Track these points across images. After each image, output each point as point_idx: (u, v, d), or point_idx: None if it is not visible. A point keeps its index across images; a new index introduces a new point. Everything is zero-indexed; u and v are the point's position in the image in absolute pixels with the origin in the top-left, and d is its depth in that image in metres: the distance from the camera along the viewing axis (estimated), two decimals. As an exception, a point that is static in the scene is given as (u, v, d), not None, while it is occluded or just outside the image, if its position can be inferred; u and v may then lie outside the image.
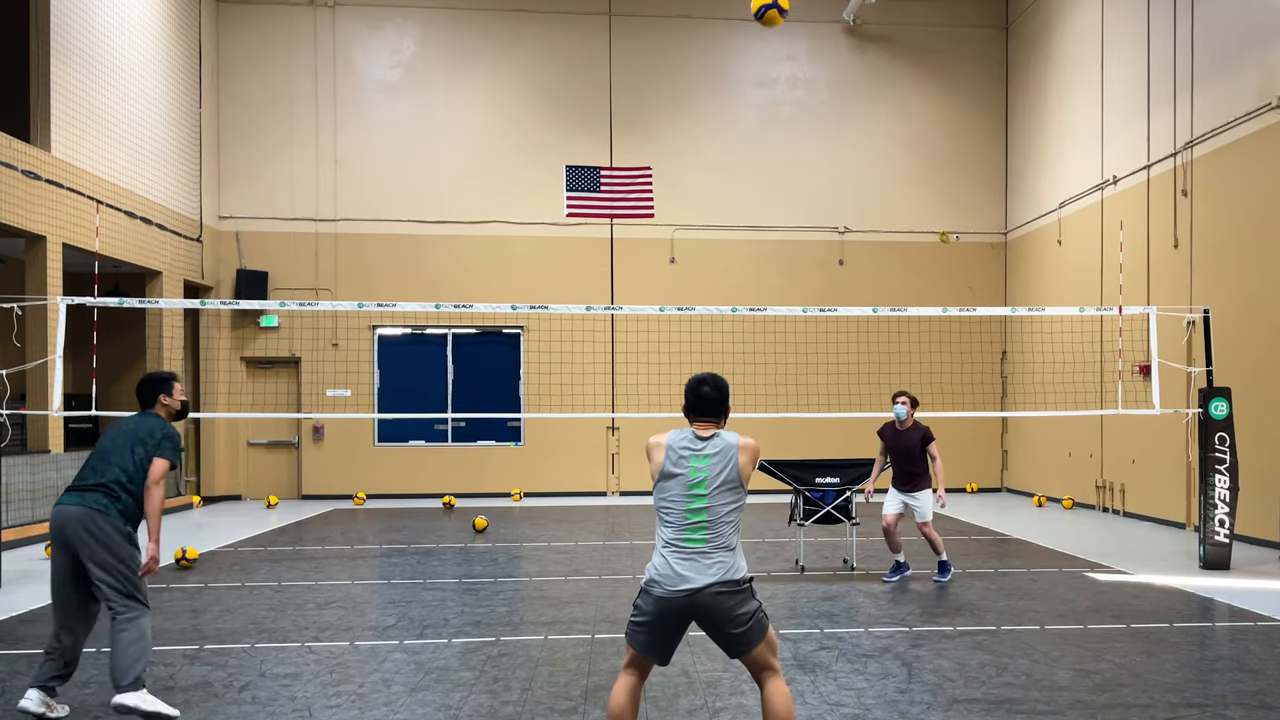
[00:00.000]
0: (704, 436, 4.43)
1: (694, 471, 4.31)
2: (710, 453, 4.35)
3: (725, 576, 4.19)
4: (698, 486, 4.29)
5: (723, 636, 4.26)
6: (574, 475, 18.46)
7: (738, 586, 4.21)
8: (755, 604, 4.28)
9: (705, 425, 4.49)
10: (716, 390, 4.52)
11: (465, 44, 18.52)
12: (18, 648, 6.98)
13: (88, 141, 13.97)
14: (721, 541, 4.24)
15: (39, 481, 12.64)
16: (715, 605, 4.18)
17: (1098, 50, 15.61)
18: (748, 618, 4.22)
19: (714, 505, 4.27)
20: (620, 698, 4.30)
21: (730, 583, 4.19)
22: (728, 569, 4.21)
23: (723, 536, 4.25)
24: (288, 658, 6.67)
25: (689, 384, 4.59)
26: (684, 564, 4.22)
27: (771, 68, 19.05)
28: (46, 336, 12.30)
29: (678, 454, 4.37)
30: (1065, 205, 16.66)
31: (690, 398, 4.55)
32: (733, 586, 4.20)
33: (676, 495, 4.31)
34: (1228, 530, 10.10)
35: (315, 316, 17.76)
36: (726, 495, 4.30)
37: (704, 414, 4.50)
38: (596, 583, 9.42)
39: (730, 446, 4.37)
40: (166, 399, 5.93)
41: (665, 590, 4.22)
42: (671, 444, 4.41)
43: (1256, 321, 11.74)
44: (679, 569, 4.21)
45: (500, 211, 18.39)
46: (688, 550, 4.23)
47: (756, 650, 4.27)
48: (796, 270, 18.70)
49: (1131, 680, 6.06)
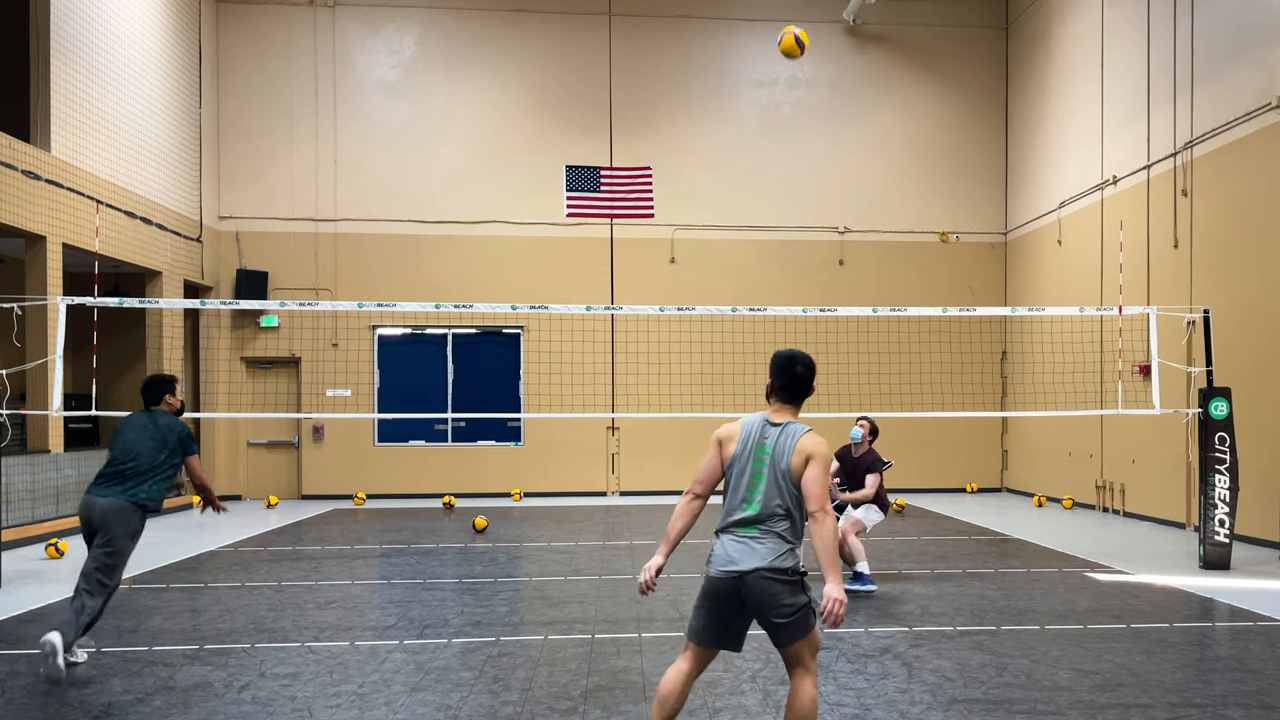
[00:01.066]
0: (775, 423, 4.35)
1: (755, 462, 4.28)
2: (774, 444, 4.28)
3: (772, 563, 4.15)
4: (757, 477, 4.26)
5: (767, 624, 4.23)
6: (574, 475, 18.46)
7: (785, 575, 4.15)
8: (804, 599, 4.20)
9: (782, 411, 4.41)
10: (808, 370, 4.42)
11: (465, 44, 18.52)
12: (18, 648, 6.99)
13: (88, 141, 13.97)
14: (774, 529, 4.20)
15: (39, 481, 12.64)
16: (761, 590, 4.14)
17: (1098, 50, 15.61)
18: (793, 610, 4.17)
19: (769, 494, 4.22)
20: (669, 681, 4.29)
21: (777, 570, 4.15)
22: (777, 555, 4.17)
23: (776, 525, 4.20)
24: (288, 658, 6.67)
25: (778, 361, 4.43)
26: (735, 547, 4.23)
27: (771, 68, 19.04)
28: (46, 336, 12.30)
29: (747, 439, 4.33)
30: (1065, 205, 16.66)
31: (780, 376, 4.41)
32: (779, 574, 4.15)
33: (736, 480, 4.30)
34: (1228, 530, 10.10)
35: (315, 316, 17.76)
36: (778, 486, 4.23)
37: (789, 395, 4.40)
38: (596, 583, 9.42)
39: (788, 451, 4.24)
40: (170, 399, 6.85)
41: (715, 570, 4.27)
42: (745, 429, 4.37)
43: (1256, 321, 11.74)
44: (730, 551, 4.23)
45: (500, 211, 18.39)
46: (739, 535, 4.24)
47: (796, 645, 4.23)
48: (797, 270, 18.69)
49: (1131, 680, 6.06)
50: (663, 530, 14.07)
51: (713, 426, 17.66)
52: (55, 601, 8.64)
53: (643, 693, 5.83)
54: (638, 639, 7.14)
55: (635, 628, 7.50)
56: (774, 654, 6.70)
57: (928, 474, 18.55)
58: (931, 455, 18.67)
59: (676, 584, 9.34)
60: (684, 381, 17.38)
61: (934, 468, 18.72)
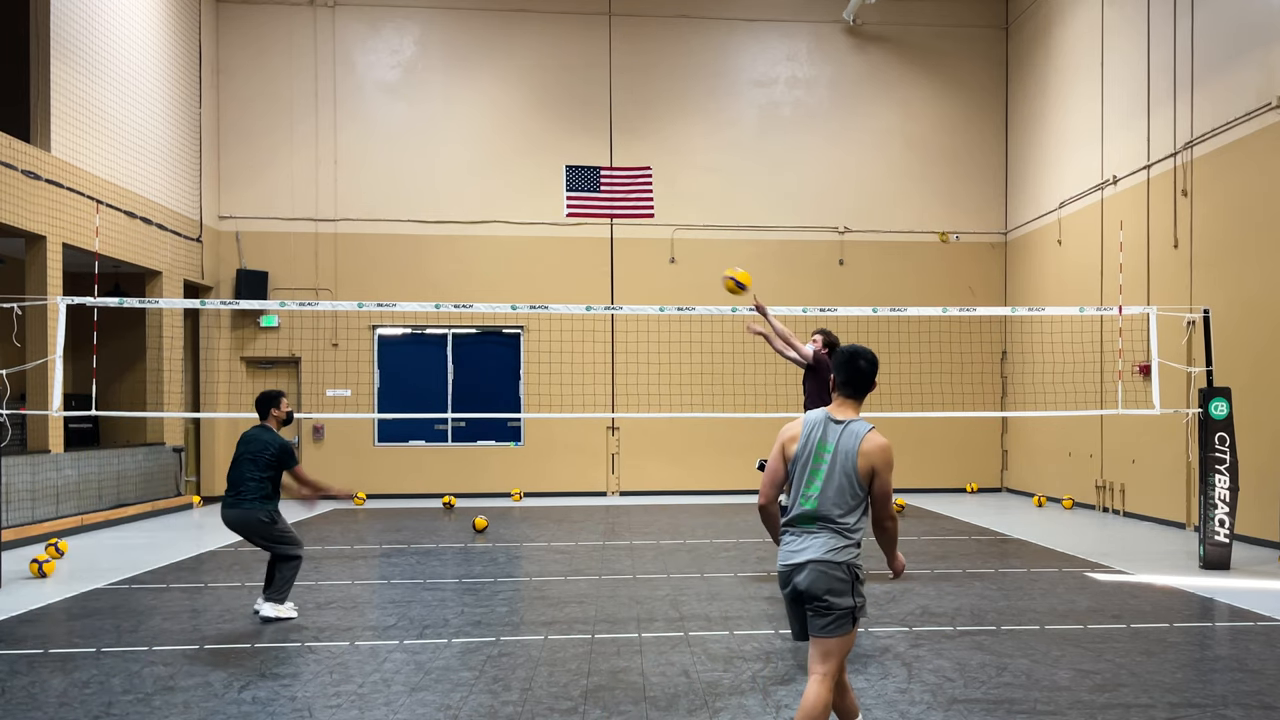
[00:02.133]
0: (838, 420, 4.37)
1: (816, 459, 4.32)
2: (836, 442, 4.31)
3: (825, 555, 4.22)
4: (816, 474, 4.31)
5: (812, 611, 4.27)
6: (574, 475, 18.46)
7: (839, 569, 4.21)
8: (850, 603, 4.24)
9: (844, 406, 4.43)
10: (871, 365, 4.45)
11: (465, 44, 18.52)
12: (18, 648, 6.98)
13: (88, 141, 13.97)
14: (831, 525, 4.26)
15: (39, 481, 12.64)
16: (814, 581, 4.22)
17: (1098, 50, 15.61)
18: (837, 609, 4.22)
19: (829, 491, 4.27)
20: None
21: (832, 563, 4.21)
22: (830, 550, 4.23)
23: (834, 522, 4.26)
24: (288, 658, 6.67)
25: (842, 356, 4.46)
26: (795, 540, 4.33)
27: (771, 68, 19.05)
28: (46, 336, 12.31)
29: (809, 437, 4.36)
30: (1065, 205, 16.66)
31: (844, 371, 4.43)
32: (833, 567, 4.21)
33: (799, 477, 4.36)
34: (1228, 530, 10.10)
35: (315, 316, 17.76)
36: (839, 484, 4.26)
37: (851, 390, 4.43)
38: (596, 583, 9.42)
39: (850, 452, 4.26)
40: (276, 411, 7.83)
41: (778, 565, 4.41)
42: (806, 426, 4.39)
43: (1256, 321, 11.74)
44: (790, 545, 4.34)
45: (500, 211, 18.39)
46: (800, 529, 4.32)
47: (826, 644, 4.26)
48: (796, 270, 18.69)
49: (1131, 680, 6.06)
50: (663, 530, 14.04)
51: (712, 426, 17.74)
52: (55, 601, 8.64)
53: (643, 693, 5.83)
54: (638, 639, 7.15)
55: (635, 628, 7.50)
56: (774, 654, 6.71)
57: (928, 474, 18.55)
58: (931, 455, 18.67)
59: (676, 584, 9.35)
60: (684, 381, 17.38)
61: (934, 468, 18.72)
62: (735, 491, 17.95)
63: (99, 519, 13.72)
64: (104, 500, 14.22)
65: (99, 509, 13.99)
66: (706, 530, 13.27)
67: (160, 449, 16.07)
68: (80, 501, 13.63)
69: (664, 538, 12.56)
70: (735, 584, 9.35)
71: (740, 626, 7.53)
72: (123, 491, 14.74)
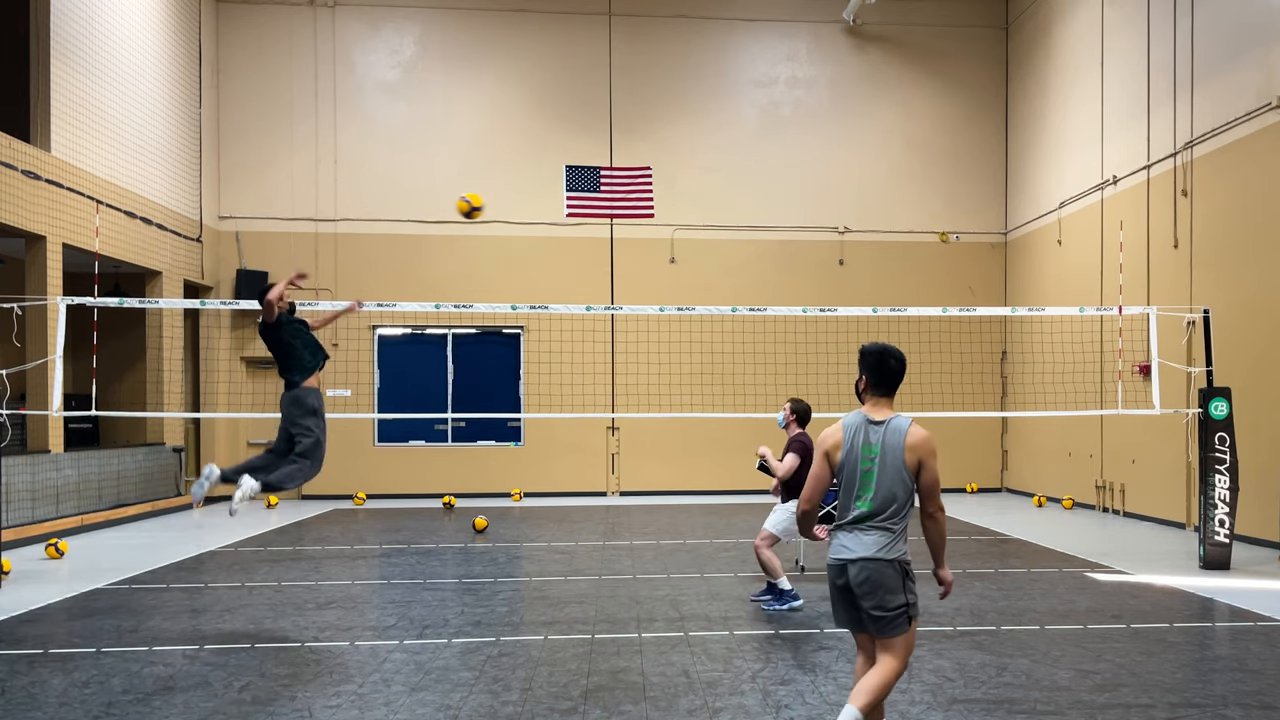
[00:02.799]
0: (877, 421, 4.44)
1: (864, 460, 4.39)
2: (879, 441, 4.38)
3: (877, 553, 4.31)
4: (868, 475, 4.38)
5: (869, 616, 4.35)
6: (574, 475, 18.46)
7: (890, 565, 4.30)
8: (904, 600, 4.33)
9: (878, 405, 4.50)
10: (900, 363, 4.52)
11: (465, 44, 18.52)
12: (18, 648, 6.98)
13: (88, 141, 13.97)
14: (883, 524, 4.34)
15: (39, 481, 12.64)
16: (866, 579, 4.30)
17: (1098, 50, 15.62)
18: (891, 607, 4.31)
19: (882, 490, 4.35)
20: (857, 675, 4.52)
21: (883, 560, 4.30)
22: (881, 547, 4.31)
23: (886, 520, 4.34)
24: (288, 658, 6.67)
25: (871, 355, 4.52)
26: (847, 537, 4.40)
27: (771, 68, 19.05)
28: (46, 336, 12.30)
29: (851, 441, 4.42)
30: (1065, 205, 16.66)
31: (874, 372, 4.50)
32: (884, 564, 4.30)
33: (848, 480, 4.42)
34: (1228, 530, 10.10)
35: (315, 316, 17.72)
36: (892, 481, 4.35)
37: (884, 388, 4.50)
38: (596, 583, 9.42)
39: (898, 446, 4.36)
40: None
41: (829, 559, 4.48)
42: (847, 431, 4.45)
43: (1256, 322, 11.74)
44: (844, 542, 4.41)
45: (500, 211, 18.36)
46: (852, 530, 4.40)
47: (890, 643, 4.36)
48: (796, 270, 18.70)
49: (1131, 680, 6.06)
50: (663, 530, 14.04)
51: (712, 426, 17.73)
52: (55, 601, 8.64)
53: (643, 692, 5.83)
54: (638, 639, 7.15)
55: (635, 628, 7.50)
56: (774, 654, 6.71)
57: (928, 474, 18.54)
58: (931, 455, 18.65)
59: (676, 584, 9.35)
60: (684, 381, 17.38)
61: (934, 468, 18.70)
62: (735, 491, 17.95)
63: (99, 519, 13.72)
64: (104, 500, 14.22)
65: (99, 509, 13.99)
66: (706, 530, 13.27)
67: (160, 449, 16.07)
68: (80, 501, 13.63)
69: (664, 538, 12.57)
70: (735, 584, 9.35)
71: (740, 626, 7.53)
72: (123, 491, 14.74)
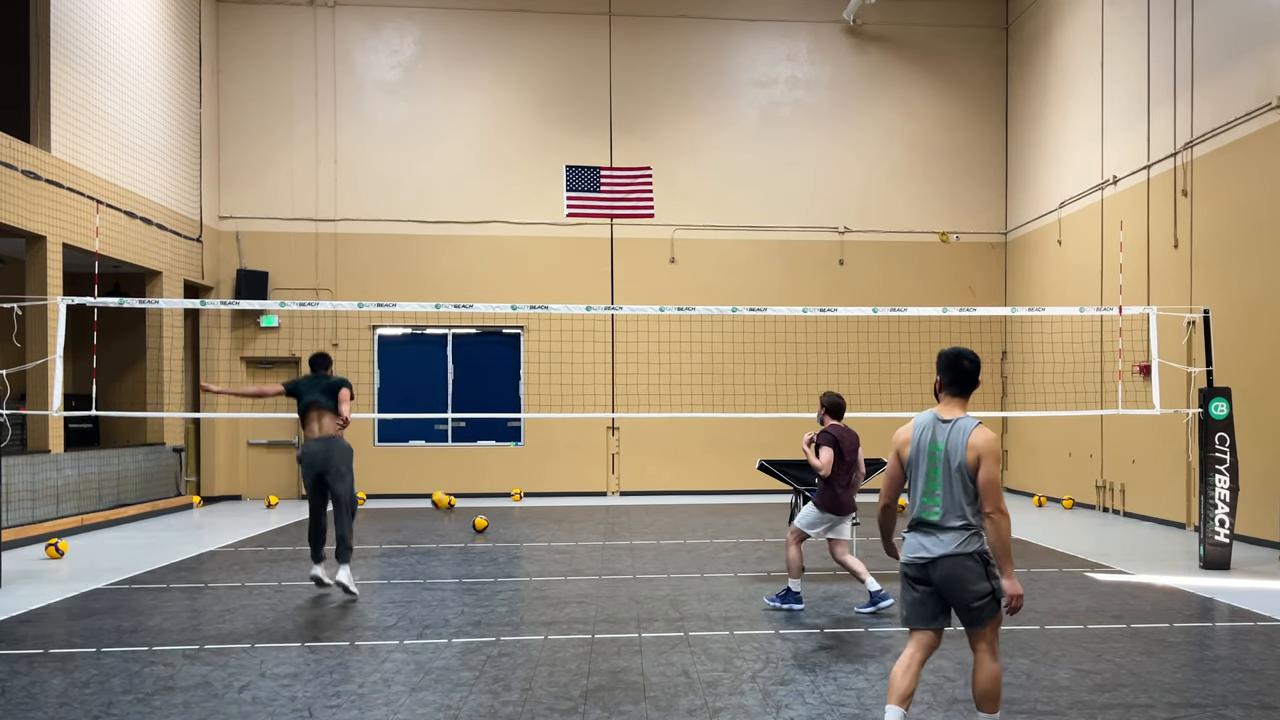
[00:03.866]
0: (946, 420, 4.61)
1: (930, 459, 4.57)
2: (946, 440, 4.56)
3: (956, 549, 4.47)
4: (934, 472, 4.56)
5: (960, 606, 4.53)
6: (574, 475, 18.46)
7: (971, 560, 4.47)
8: (989, 586, 4.48)
9: (950, 406, 4.66)
10: (974, 364, 4.69)
11: (465, 44, 18.52)
12: (18, 648, 6.98)
13: (88, 141, 13.97)
14: (955, 522, 4.49)
15: (39, 481, 12.64)
16: (950, 576, 4.48)
17: (1098, 50, 15.62)
18: (980, 596, 4.48)
19: (947, 487, 4.51)
20: (898, 667, 4.60)
21: (963, 555, 4.46)
22: (959, 543, 4.48)
23: (957, 518, 4.49)
24: (288, 658, 6.67)
25: (946, 358, 4.70)
26: (923, 538, 4.56)
27: (772, 67, 19.05)
28: (46, 336, 12.30)
29: (919, 439, 4.62)
30: (1065, 205, 16.67)
31: (949, 372, 4.68)
32: (966, 559, 4.46)
33: (915, 478, 4.62)
34: (1228, 530, 10.10)
35: (315, 316, 17.76)
36: (955, 479, 4.50)
37: (958, 389, 4.67)
38: (596, 583, 9.42)
39: (960, 447, 4.51)
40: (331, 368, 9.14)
41: (906, 557, 4.62)
42: (918, 430, 4.65)
43: (1256, 322, 11.74)
44: (920, 542, 4.57)
45: (500, 211, 18.39)
46: (926, 529, 4.56)
47: (980, 630, 4.55)
48: (797, 270, 18.70)
49: (1131, 680, 6.06)
50: (663, 530, 14.05)
51: (713, 426, 17.75)
52: (55, 601, 8.64)
53: (643, 692, 5.83)
54: (638, 639, 7.15)
55: (635, 628, 7.50)
56: (774, 654, 6.71)
57: (928, 474, 18.54)
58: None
59: (676, 584, 9.35)
60: (684, 381, 17.37)
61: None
62: (735, 491, 17.95)
63: (99, 519, 13.72)
64: (104, 500, 14.22)
65: (99, 509, 13.99)
66: (706, 530, 13.27)
67: (160, 449, 16.07)
68: (80, 501, 13.63)
69: (664, 538, 12.57)
70: (735, 584, 9.35)
71: (740, 626, 7.53)
72: (123, 491, 14.74)
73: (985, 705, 4.60)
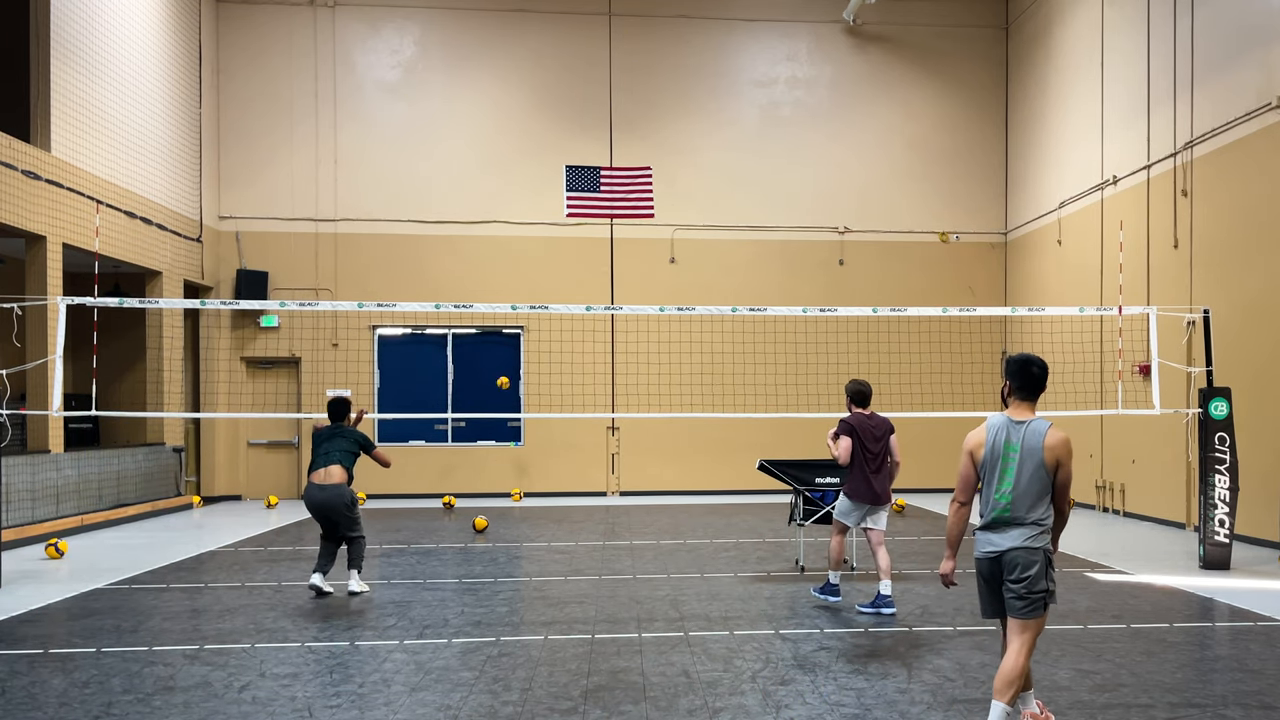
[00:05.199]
0: (1019, 421, 4.88)
1: (1005, 459, 4.83)
2: (1022, 441, 4.82)
3: (1025, 542, 4.77)
4: (1007, 471, 4.82)
5: (1011, 594, 4.78)
6: (574, 475, 18.46)
7: (1036, 553, 4.76)
8: (1046, 586, 4.77)
9: (1021, 408, 4.94)
10: (1042, 370, 4.96)
11: (465, 44, 18.52)
12: (18, 648, 6.98)
13: (88, 141, 13.97)
14: (1026, 518, 4.77)
15: (39, 481, 12.64)
16: (1016, 564, 4.76)
17: (1098, 50, 15.61)
18: (1038, 589, 4.75)
19: (1020, 486, 4.78)
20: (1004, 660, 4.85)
21: (1029, 548, 4.76)
22: (1029, 537, 4.77)
23: (1028, 514, 4.77)
24: (288, 658, 6.67)
25: (1014, 364, 4.97)
26: (995, 534, 4.84)
27: (772, 67, 19.05)
28: (46, 336, 12.31)
29: (994, 440, 4.88)
30: (1065, 205, 16.66)
31: (1017, 378, 4.95)
32: (1033, 552, 4.75)
33: (989, 477, 4.87)
34: (1228, 530, 10.10)
35: (315, 316, 17.76)
36: (1030, 478, 4.77)
37: (1027, 393, 4.94)
38: (596, 583, 9.42)
39: (1036, 448, 4.77)
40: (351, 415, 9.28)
41: (979, 552, 4.89)
42: (991, 432, 4.90)
43: (1257, 322, 11.74)
44: (991, 537, 4.85)
45: (500, 211, 18.39)
46: (997, 523, 4.82)
47: (1024, 624, 4.79)
48: (797, 270, 18.70)
49: (1131, 680, 6.06)
50: (663, 530, 14.04)
51: (712, 426, 17.73)
52: (55, 601, 8.64)
53: (643, 692, 5.83)
54: (638, 639, 7.15)
55: (635, 628, 7.50)
56: (774, 654, 6.71)
57: (928, 474, 18.53)
58: (932, 455, 18.64)
59: (676, 584, 9.35)
60: (684, 381, 17.37)
61: (934, 468, 18.70)
62: (735, 491, 17.95)
63: (99, 519, 13.72)
64: (104, 500, 14.22)
65: (99, 509, 13.99)
66: (706, 530, 13.27)
67: (160, 449, 16.07)
68: (80, 501, 13.63)
69: (664, 538, 12.56)
70: (735, 584, 9.35)
71: (740, 626, 7.53)
72: (123, 491, 14.74)
73: (1002, 695, 4.76)
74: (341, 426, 9.12)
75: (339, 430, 9.08)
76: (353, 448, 9.03)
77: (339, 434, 9.04)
